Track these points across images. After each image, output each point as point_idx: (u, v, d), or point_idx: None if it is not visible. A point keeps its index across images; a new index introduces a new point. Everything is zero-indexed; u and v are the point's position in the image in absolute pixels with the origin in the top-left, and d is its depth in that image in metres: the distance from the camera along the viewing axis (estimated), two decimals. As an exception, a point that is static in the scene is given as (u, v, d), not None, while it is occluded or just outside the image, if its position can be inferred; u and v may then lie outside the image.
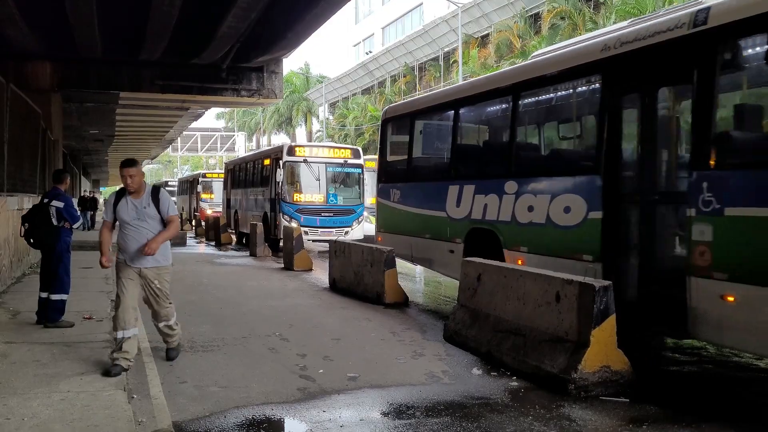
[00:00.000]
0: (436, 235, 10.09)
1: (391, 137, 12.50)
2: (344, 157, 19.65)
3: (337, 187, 19.66)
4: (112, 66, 18.45)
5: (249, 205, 23.05)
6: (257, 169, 22.69)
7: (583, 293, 5.67)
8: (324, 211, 19.05)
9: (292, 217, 18.50)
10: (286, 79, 51.92)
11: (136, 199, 6.08)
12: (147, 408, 5.12)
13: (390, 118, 12.37)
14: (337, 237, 16.96)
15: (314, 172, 19.21)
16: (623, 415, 5.12)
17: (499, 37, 36.31)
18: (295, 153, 19.20)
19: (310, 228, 18.34)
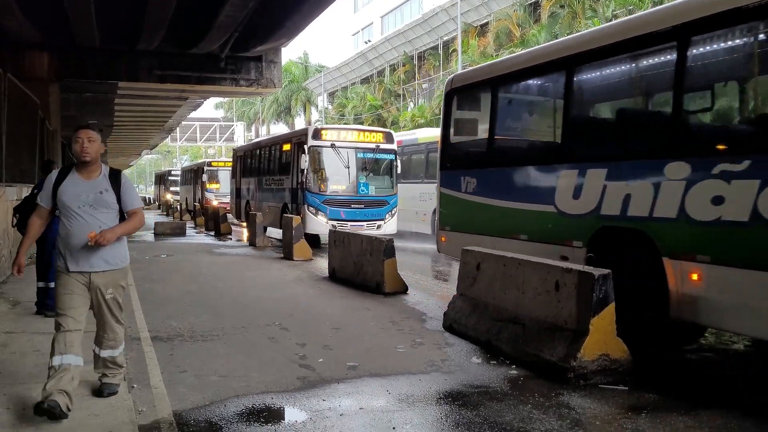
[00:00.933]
0: (538, 236, 7.93)
1: (458, 113, 10.34)
2: (376, 141, 17.38)
3: (368, 176, 17.40)
4: (110, 56, 18.41)
5: (264, 195, 21.08)
6: (274, 155, 20.63)
7: (582, 282, 5.68)
8: (354, 203, 16.92)
9: (318, 209, 16.59)
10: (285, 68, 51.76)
11: (90, 180, 4.64)
12: (147, 397, 5.14)
13: (457, 89, 10.19)
14: (368, 232, 15.62)
15: (343, 158, 16.93)
16: (622, 403, 5.14)
17: (498, 26, 36.18)
18: (322, 136, 16.94)
19: (339, 221, 16.30)
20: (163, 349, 6.65)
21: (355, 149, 17.01)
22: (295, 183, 17.55)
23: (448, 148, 10.27)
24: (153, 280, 11.55)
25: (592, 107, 8.52)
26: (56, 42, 17.04)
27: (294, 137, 18.51)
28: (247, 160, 24.11)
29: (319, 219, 16.37)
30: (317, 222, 16.40)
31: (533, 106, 9.75)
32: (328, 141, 16.84)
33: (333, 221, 16.11)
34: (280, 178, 19.34)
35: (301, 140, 17.42)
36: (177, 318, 8.19)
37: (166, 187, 51.14)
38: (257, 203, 21.72)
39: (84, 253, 4.55)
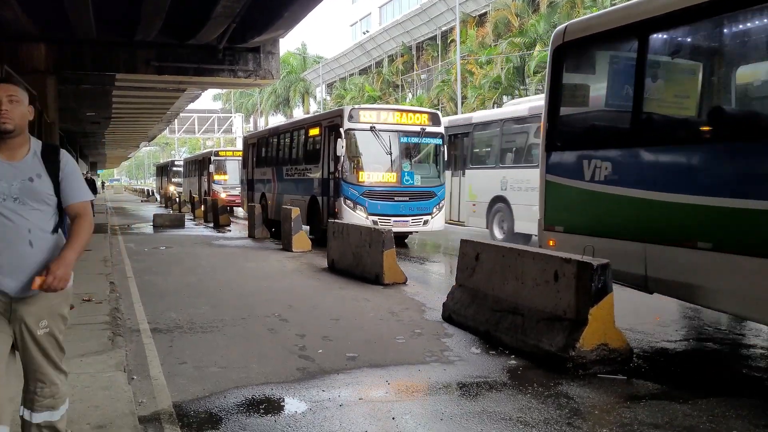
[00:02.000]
0: (735, 245, 5.55)
1: (571, 76, 7.99)
2: (421, 124, 15.22)
3: (413, 163, 15.39)
4: (107, 47, 18.34)
5: (285, 186, 18.70)
6: (298, 141, 18.39)
7: (581, 272, 5.68)
8: (397, 195, 14.81)
9: (357, 202, 14.49)
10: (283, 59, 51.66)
11: (13, 161, 3.14)
12: (147, 389, 5.15)
13: (572, 44, 7.60)
14: (414, 228, 14.82)
15: (384, 143, 14.78)
16: (621, 393, 5.15)
17: (497, 16, 36.07)
18: (359, 118, 14.74)
19: (381, 217, 14.44)
20: (163, 341, 6.66)
21: (397, 133, 14.94)
22: (327, 172, 15.49)
23: (559, 122, 7.84)
24: (152, 272, 11.56)
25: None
26: (53, 34, 16.96)
27: (325, 120, 16.21)
28: (262, 149, 21.85)
29: (358, 214, 14.41)
30: (356, 218, 14.27)
31: (730, 55, 6.53)
32: (367, 123, 14.70)
33: (374, 216, 14.35)
34: (306, 167, 17.10)
35: (334, 123, 15.26)
36: (176, 310, 8.20)
37: (169, 179, 49.22)
38: (276, 196, 19.44)
39: (7, 269, 3.05)
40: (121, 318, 7.43)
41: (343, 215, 14.36)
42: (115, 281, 9.68)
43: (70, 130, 35.13)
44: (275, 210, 18.33)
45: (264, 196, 20.61)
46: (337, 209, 14.69)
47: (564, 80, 7.84)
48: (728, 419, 4.59)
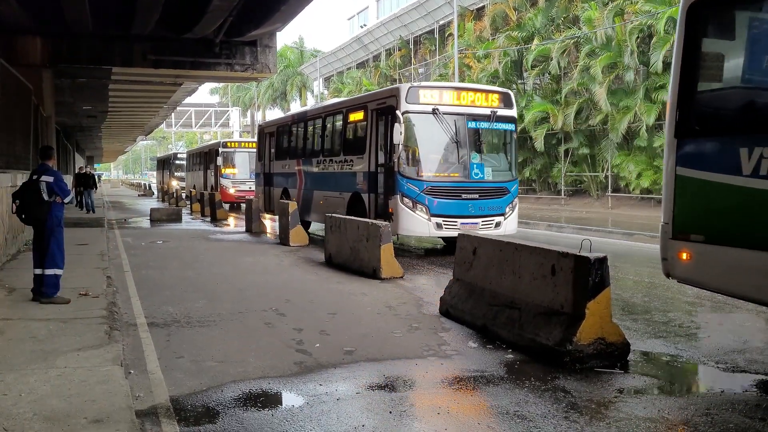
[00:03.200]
0: None
1: (714, 42, 6.29)
2: (491, 106, 12.83)
3: (483, 154, 12.91)
4: (103, 41, 18.26)
5: (316, 181, 16.25)
6: (334, 128, 15.95)
7: (578, 266, 5.68)
8: (466, 192, 12.41)
9: (417, 200, 12.08)
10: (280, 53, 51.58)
11: None
12: (144, 383, 5.15)
13: (711, 2, 6.13)
14: (484, 232, 11.74)
15: (449, 128, 12.42)
16: (618, 387, 5.16)
17: (494, 10, 35.95)
18: (420, 98, 12.40)
19: (446, 218, 12.16)
20: (160, 335, 6.66)
21: (464, 116, 12.56)
22: (374, 165, 13.13)
23: (697, 100, 6.16)
24: (149, 266, 11.55)
25: None
26: (49, 27, 16.88)
27: (372, 101, 13.64)
28: (283, 138, 19.30)
29: (418, 215, 12.07)
30: (416, 219, 12.05)
31: None
32: (428, 104, 12.37)
33: (437, 218, 12.11)
34: (345, 159, 14.55)
35: (386, 105, 12.89)
36: (173, 304, 8.20)
37: (171, 173, 46.15)
38: (302, 192, 17.04)
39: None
40: (118, 312, 7.42)
41: (400, 217, 12.11)
42: (112, 275, 9.66)
43: (66, 124, 35.05)
44: (302, 208, 16.32)
45: (286, 193, 18.21)
46: (391, 209, 12.30)
47: (704, 47, 6.17)
48: (724, 413, 4.61)
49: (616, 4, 27.57)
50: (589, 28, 28.19)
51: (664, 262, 6.19)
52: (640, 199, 26.56)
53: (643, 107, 25.26)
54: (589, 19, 28.22)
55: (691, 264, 5.95)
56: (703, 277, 5.95)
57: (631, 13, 26.90)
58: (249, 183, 26.38)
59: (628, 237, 16.35)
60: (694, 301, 8.75)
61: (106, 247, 13.01)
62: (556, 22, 31.95)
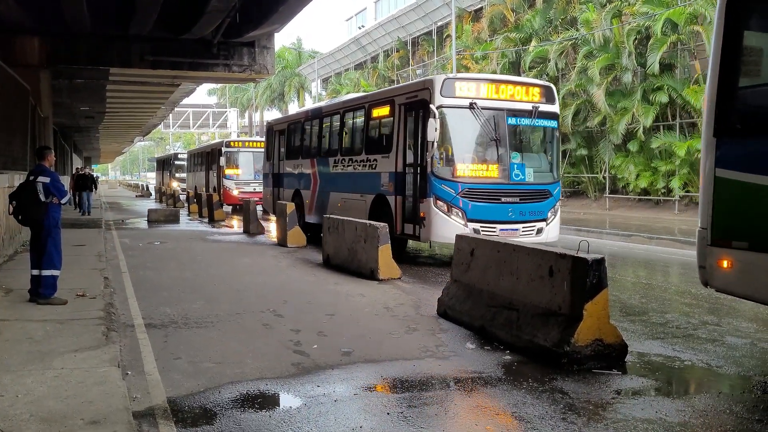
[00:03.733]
0: None
1: (755, 35, 5.95)
2: (532, 100, 11.76)
3: (524, 154, 11.85)
4: (101, 41, 18.23)
5: (334, 182, 15.14)
6: (354, 124, 14.80)
7: (576, 267, 5.68)
8: (506, 195, 11.35)
9: (452, 204, 11.02)
10: (278, 54, 51.56)
11: None
12: (141, 384, 5.14)
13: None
14: (525, 239, 10.85)
15: (488, 125, 11.33)
16: (615, 388, 5.16)
17: (492, 11, 36.03)
18: (456, 91, 11.27)
19: (484, 224, 11.07)
20: (157, 336, 6.64)
21: (504, 111, 11.49)
22: (402, 164, 12.04)
23: (737, 96, 5.78)
24: (147, 267, 11.53)
25: None
26: (47, 27, 16.85)
27: (401, 95, 12.51)
28: (294, 136, 18.17)
29: (454, 220, 10.97)
30: (451, 225, 10.83)
31: None
32: (465, 98, 11.26)
33: (475, 223, 11.00)
34: (367, 158, 13.47)
35: (417, 98, 11.75)
36: (171, 305, 8.18)
37: (171, 174, 45.25)
38: (317, 194, 15.95)
39: None
40: (116, 313, 7.41)
41: (433, 222, 11.05)
42: (109, 276, 9.65)
43: (64, 125, 35.00)
44: (316, 211, 15.48)
45: (298, 195, 17.16)
46: (423, 213, 11.26)
47: (746, 41, 5.82)
48: (720, 415, 4.61)
49: (613, 6, 27.63)
50: (587, 30, 28.26)
51: (701, 270, 5.82)
52: (638, 200, 26.59)
53: (640, 109, 25.32)
54: (587, 21, 28.29)
55: (732, 273, 5.58)
56: (747, 287, 5.54)
57: (628, 14, 26.99)
58: (253, 184, 25.74)
59: (625, 238, 16.37)
60: (691, 302, 8.77)
61: (104, 248, 12.98)
62: (554, 23, 32.02)
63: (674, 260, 13.14)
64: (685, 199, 25.18)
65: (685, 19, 24.20)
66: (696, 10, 24.02)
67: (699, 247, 5.85)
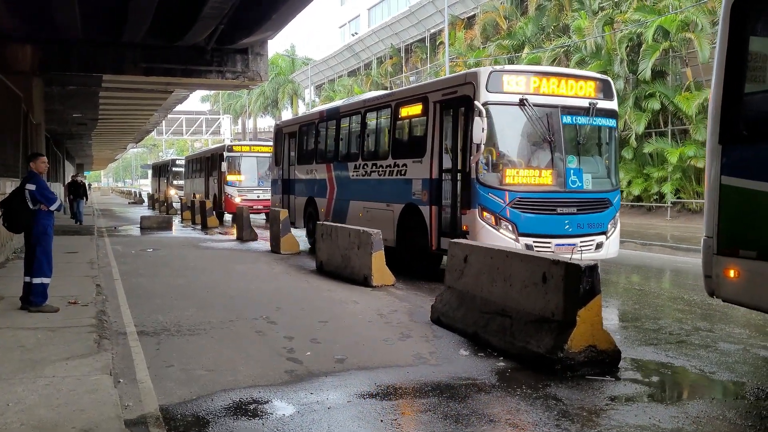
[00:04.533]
0: None
1: (761, 40, 5.83)
2: (589, 96, 10.46)
3: (581, 157, 10.38)
4: (94, 48, 18.19)
5: (354, 190, 13.74)
6: (379, 125, 13.38)
7: (569, 273, 5.69)
8: (562, 205, 9.99)
9: (501, 216, 9.69)
10: (272, 61, 51.62)
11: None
12: (133, 392, 5.12)
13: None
14: (584, 254, 9.42)
15: (541, 124, 10.02)
16: (609, 395, 5.17)
17: (485, 19, 36.18)
18: (504, 86, 9.94)
19: (538, 238, 9.78)
20: (150, 344, 6.61)
21: (558, 109, 10.15)
22: (437, 170, 10.73)
23: (743, 103, 5.65)
24: (139, 274, 11.49)
25: None
26: (40, 34, 16.80)
27: (437, 91, 11.01)
28: (307, 139, 16.82)
29: (503, 234, 9.64)
30: (499, 240, 9.52)
31: None
32: (515, 93, 9.93)
33: (527, 238, 9.71)
34: (396, 162, 12.05)
35: (457, 95, 10.39)
36: (164, 312, 8.15)
37: (169, 181, 43.18)
38: (334, 202, 14.67)
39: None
40: (108, 321, 7.37)
41: (479, 236, 9.62)
42: (101, 283, 9.60)
43: (56, 132, 34.89)
44: (333, 221, 13.82)
45: (311, 203, 15.89)
46: (466, 226, 9.93)
47: (752, 46, 5.67)
48: (714, 421, 4.62)
49: (605, 14, 27.80)
50: (579, 37, 28.40)
51: (707, 279, 5.73)
52: (630, 206, 26.66)
53: (632, 115, 25.42)
54: (579, 28, 28.43)
55: (740, 282, 5.46)
56: (755, 297, 5.40)
57: (620, 22, 27.14)
58: (257, 191, 24.74)
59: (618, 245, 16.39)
60: (684, 308, 8.79)
61: (96, 255, 12.93)
62: (546, 30, 32.17)
63: (667, 266, 13.18)
64: (678, 206, 25.28)
65: (677, 27, 24.35)
66: (688, 17, 24.19)
67: (704, 256, 5.77)
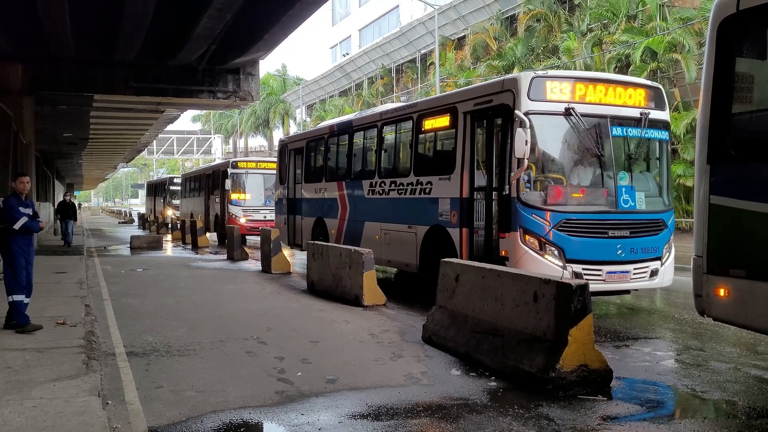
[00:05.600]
0: None
1: (748, 62, 5.84)
2: (639, 105, 9.38)
3: (633, 173, 9.35)
4: (85, 67, 18.22)
5: (371, 210, 12.66)
6: (399, 139, 12.26)
7: (560, 293, 5.69)
8: (614, 227, 8.91)
9: (546, 239, 8.67)
10: (263, 81, 51.76)
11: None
12: (122, 414, 5.05)
13: (748, 15, 5.48)
14: (636, 284, 9.07)
15: (589, 137, 8.98)
16: (601, 414, 5.15)
17: (475, 39, 36.53)
18: (546, 94, 8.89)
19: (587, 265, 8.71)
20: (139, 365, 6.55)
21: (607, 119, 9.09)
22: (468, 189, 9.70)
23: (731, 123, 5.71)
24: (129, 294, 11.40)
25: None
26: (31, 53, 16.83)
27: (470, 101, 9.90)
28: (316, 154, 15.78)
29: (548, 261, 8.61)
30: (544, 266, 8.49)
31: None
32: (559, 101, 8.92)
33: (575, 264, 8.65)
34: (419, 180, 11.03)
35: (492, 104, 9.36)
36: (153, 333, 8.08)
37: (166, 201, 40.01)
38: (347, 223, 13.58)
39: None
40: (96, 341, 7.30)
41: (521, 262, 8.60)
42: (90, 304, 9.52)
43: (46, 151, 34.80)
44: (345, 243, 12.99)
45: (320, 224, 14.79)
46: (505, 251, 8.90)
47: (738, 67, 5.70)
48: (707, 440, 4.61)
49: (594, 35, 28.12)
50: (568, 58, 28.68)
51: (697, 299, 5.75)
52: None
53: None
54: (568, 49, 28.73)
55: (730, 302, 5.46)
56: (745, 316, 5.41)
57: (608, 43, 27.44)
58: (263, 211, 23.14)
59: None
60: (675, 327, 8.80)
61: (85, 275, 12.84)
62: (536, 51, 32.49)
63: (657, 285, 13.20)
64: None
65: (664, 48, 24.66)
66: (675, 38, 24.50)
67: (695, 276, 5.79)
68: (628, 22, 27.08)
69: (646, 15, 27.34)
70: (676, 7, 27.13)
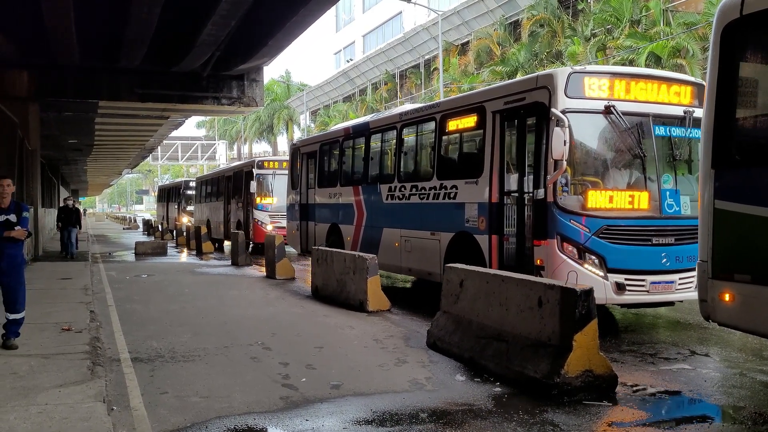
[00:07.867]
0: None
1: (752, 66, 5.87)
2: (683, 103, 8.82)
3: (677, 176, 8.77)
4: (90, 74, 18.30)
5: (391, 216, 12.11)
6: (420, 142, 11.73)
7: (564, 298, 5.69)
8: (658, 234, 8.39)
9: (586, 247, 8.15)
10: (267, 87, 51.91)
11: None
12: (127, 420, 5.06)
13: (753, 19, 5.45)
14: (681, 295, 8.50)
15: (630, 137, 8.50)
16: (606, 420, 5.14)
17: (478, 45, 36.59)
18: (585, 90, 8.38)
19: (630, 275, 8.22)
20: (144, 371, 6.56)
21: (649, 118, 8.55)
22: (498, 193, 9.17)
23: (736, 128, 5.73)
24: (134, 300, 11.42)
25: None
26: (36, 60, 16.91)
27: (499, 99, 9.34)
28: (330, 158, 15.23)
29: (588, 271, 8.10)
30: (583, 276, 7.96)
31: None
32: (598, 99, 8.39)
33: (617, 275, 8.15)
34: (443, 184, 10.47)
35: (525, 102, 8.82)
36: (158, 338, 8.09)
37: (181, 207, 36.25)
38: (363, 230, 13.09)
39: None
40: (101, 347, 7.31)
41: (558, 272, 8.06)
42: (95, 310, 9.54)
43: (51, 157, 34.92)
44: (363, 251, 11.94)
45: (335, 230, 14.22)
46: (540, 260, 8.34)
47: (743, 72, 5.69)
48: (713, 445, 4.59)
49: (598, 40, 28.14)
50: (573, 63, 28.67)
51: (702, 303, 5.73)
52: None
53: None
54: (572, 54, 28.74)
55: (735, 306, 5.46)
56: (750, 321, 5.40)
57: (612, 48, 27.44)
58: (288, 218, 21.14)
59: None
60: (680, 332, 8.78)
61: (90, 281, 12.87)
62: (539, 56, 32.50)
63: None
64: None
65: (668, 53, 24.66)
66: (679, 43, 24.50)
67: (699, 281, 5.78)
68: (632, 26, 27.09)
69: (649, 20, 27.36)
70: (680, 11, 27.15)
